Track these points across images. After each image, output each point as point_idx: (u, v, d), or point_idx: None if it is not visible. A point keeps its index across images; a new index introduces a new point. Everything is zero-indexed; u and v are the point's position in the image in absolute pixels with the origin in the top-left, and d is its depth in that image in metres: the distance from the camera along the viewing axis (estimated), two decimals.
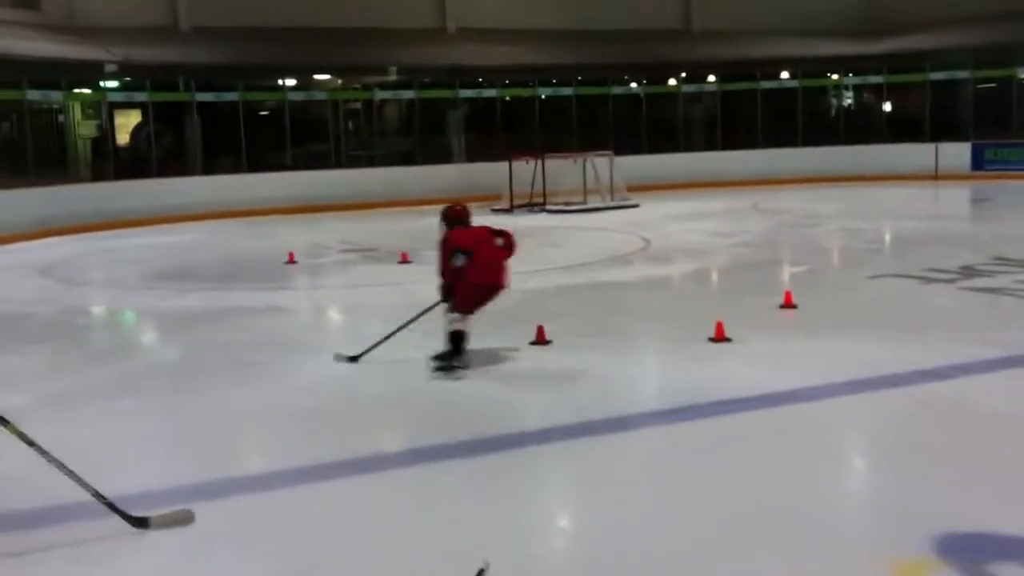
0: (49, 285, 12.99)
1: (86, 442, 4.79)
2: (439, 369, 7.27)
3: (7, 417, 4.64)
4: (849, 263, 13.46)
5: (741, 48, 27.79)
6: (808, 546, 4.21)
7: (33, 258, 15.76)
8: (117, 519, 4.52)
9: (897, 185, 24.42)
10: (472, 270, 7.18)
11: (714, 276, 12.47)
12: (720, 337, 8.01)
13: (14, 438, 4.60)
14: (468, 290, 7.23)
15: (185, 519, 4.64)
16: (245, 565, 4.28)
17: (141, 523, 4.55)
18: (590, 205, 21.34)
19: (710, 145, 28.01)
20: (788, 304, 9.39)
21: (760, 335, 8.35)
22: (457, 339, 7.33)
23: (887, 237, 16.03)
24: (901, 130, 27.25)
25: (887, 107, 28.07)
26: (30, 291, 12.45)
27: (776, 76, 28.10)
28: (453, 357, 7.31)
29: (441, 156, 25.91)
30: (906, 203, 20.91)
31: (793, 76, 28.02)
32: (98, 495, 4.56)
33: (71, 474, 4.55)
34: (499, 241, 7.50)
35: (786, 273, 12.52)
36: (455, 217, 7.59)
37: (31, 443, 4.58)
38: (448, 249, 7.32)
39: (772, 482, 4.99)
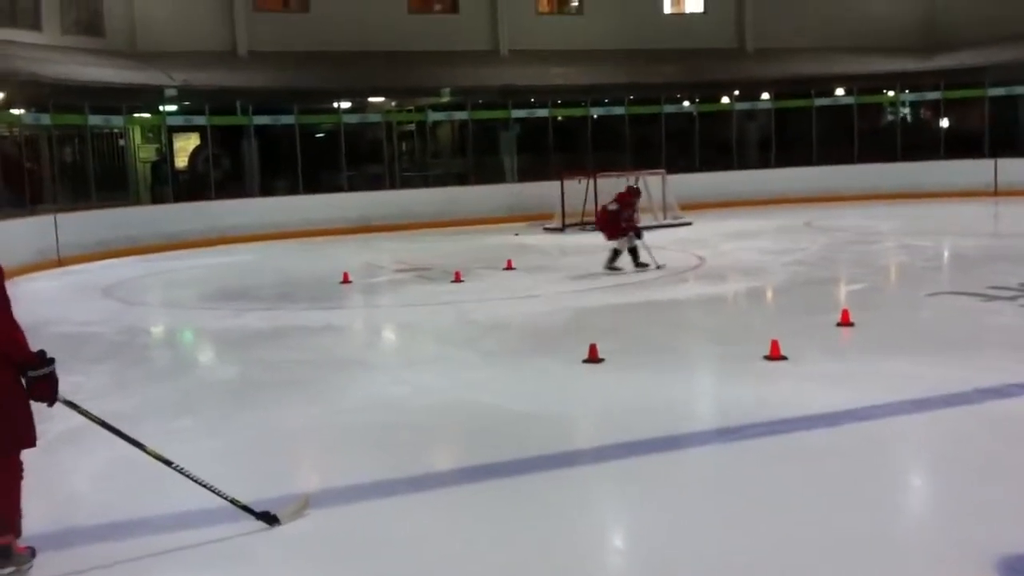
0: (110, 305, 13.22)
1: (146, 459, 4.86)
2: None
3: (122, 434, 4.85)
4: (908, 281, 13.27)
5: (795, 65, 27.57)
6: (869, 568, 4.13)
7: (95, 279, 16.06)
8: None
9: (955, 202, 24.03)
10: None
11: (769, 294, 12.35)
12: (776, 355, 7.93)
13: (83, 456, 4.75)
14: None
15: (304, 506, 4.99)
16: None
17: (272, 520, 4.81)
18: (643, 223, 21.20)
19: (764, 163, 27.78)
20: (845, 322, 9.26)
21: (817, 353, 8.26)
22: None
23: (946, 254, 15.78)
24: (959, 146, 26.82)
25: (944, 123, 27.66)
26: (92, 311, 12.68)
27: (831, 93, 27.84)
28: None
29: (494, 176, 26.01)
30: (965, 220, 20.56)
31: (848, 93, 27.73)
32: (234, 500, 4.85)
33: (199, 482, 4.85)
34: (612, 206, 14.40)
35: (843, 291, 12.36)
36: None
37: (167, 462, 4.84)
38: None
39: (831, 503, 4.92)
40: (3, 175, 18.48)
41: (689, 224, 21.18)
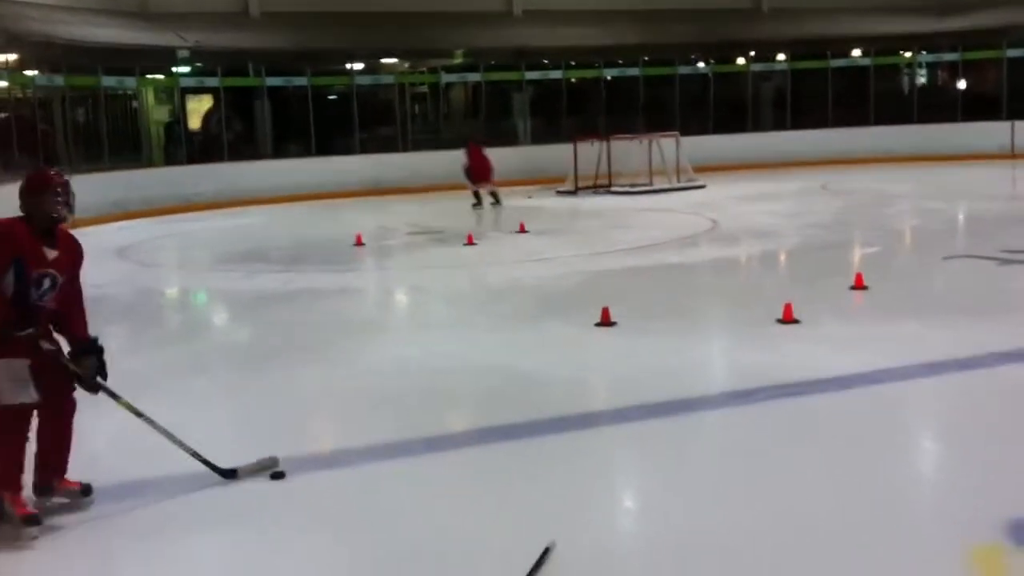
0: (124, 267, 13.27)
1: (158, 421, 4.89)
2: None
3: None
4: (923, 244, 13.20)
5: (811, 26, 27.29)
6: (881, 530, 4.14)
7: (109, 240, 16.08)
8: (185, 497, 4.64)
9: (972, 164, 23.82)
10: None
11: (783, 257, 12.31)
12: (789, 319, 7.91)
13: (101, 417, 5.06)
14: None
15: (271, 465, 4.98)
16: (312, 543, 4.34)
17: (230, 474, 4.87)
18: (656, 186, 21.15)
19: (779, 125, 27.55)
20: (859, 286, 9.23)
21: (830, 317, 8.24)
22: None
23: (962, 217, 15.68)
24: (976, 108, 26.56)
25: (962, 85, 27.38)
26: (106, 273, 12.70)
27: (847, 54, 27.55)
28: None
29: (507, 139, 25.92)
30: (982, 183, 20.40)
31: (865, 54, 27.44)
32: (195, 454, 4.91)
33: (170, 436, 4.91)
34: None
35: (857, 254, 12.31)
36: None
37: (139, 414, 4.91)
38: None
39: (843, 465, 4.92)
40: (17, 137, 18.49)
41: (703, 187, 21.07)
